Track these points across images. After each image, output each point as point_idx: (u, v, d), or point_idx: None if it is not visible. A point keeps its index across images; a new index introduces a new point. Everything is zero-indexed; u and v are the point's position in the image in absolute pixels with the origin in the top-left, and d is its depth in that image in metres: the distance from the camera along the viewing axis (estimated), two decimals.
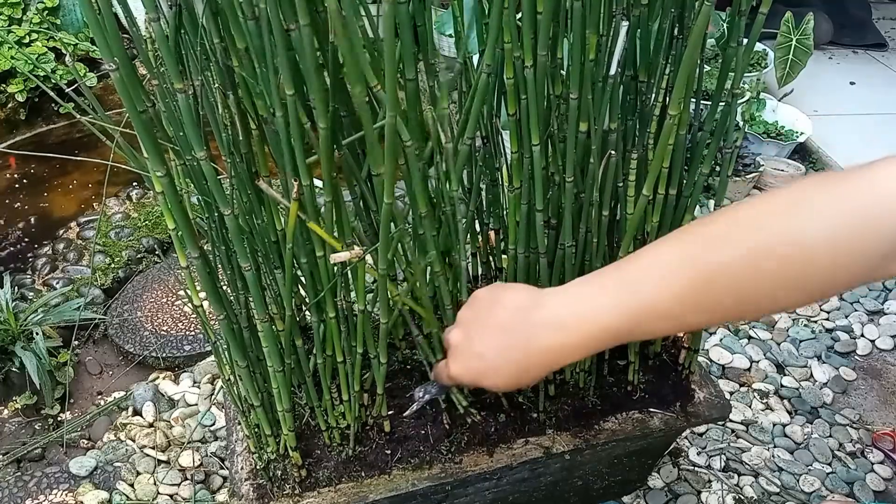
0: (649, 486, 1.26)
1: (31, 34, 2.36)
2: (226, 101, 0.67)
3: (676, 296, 0.55)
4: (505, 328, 0.64)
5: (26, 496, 1.25)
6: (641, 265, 0.58)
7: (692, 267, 0.55)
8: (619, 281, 0.59)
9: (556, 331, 0.60)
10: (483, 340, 0.65)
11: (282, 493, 0.87)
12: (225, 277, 0.81)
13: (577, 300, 0.60)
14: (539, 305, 0.62)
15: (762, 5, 0.70)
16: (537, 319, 0.61)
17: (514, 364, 0.64)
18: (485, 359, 0.65)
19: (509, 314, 0.64)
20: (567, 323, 0.60)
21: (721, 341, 1.54)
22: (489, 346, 0.65)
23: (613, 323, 0.58)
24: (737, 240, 0.53)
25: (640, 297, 0.56)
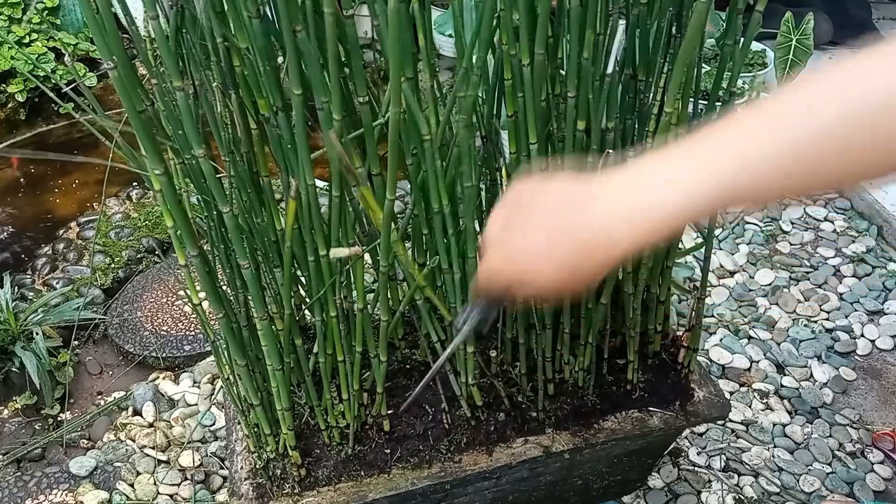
0: (649, 485, 1.26)
1: (31, 34, 2.36)
2: (225, 100, 0.67)
3: (776, 160, 0.47)
4: (554, 216, 0.54)
5: (26, 496, 1.25)
6: (723, 137, 0.49)
7: (792, 127, 0.47)
8: (697, 155, 0.50)
9: (615, 219, 0.52)
10: (526, 232, 0.56)
11: (281, 492, 0.87)
12: (224, 276, 0.81)
13: (644, 184, 0.51)
14: (597, 191, 0.53)
15: (758, 3, 0.70)
16: (596, 206, 0.53)
17: (565, 257, 0.54)
18: (528, 253, 0.56)
19: (560, 201, 0.55)
20: (630, 208, 0.51)
21: (721, 341, 1.54)
22: (534, 237, 0.55)
23: (690, 205, 0.49)
24: (844, 96, 0.46)
25: (728, 169, 0.48)
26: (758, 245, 1.81)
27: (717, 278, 1.71)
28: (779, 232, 1.86)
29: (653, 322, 0.99)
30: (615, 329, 1.00)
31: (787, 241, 1.82)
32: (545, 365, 0.94)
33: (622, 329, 0.98)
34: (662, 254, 0.91)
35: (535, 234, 0.55)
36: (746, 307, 1.64)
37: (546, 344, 0.92)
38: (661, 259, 0.92)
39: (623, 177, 0.53)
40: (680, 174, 0.50)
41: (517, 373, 0.98)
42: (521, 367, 0.96)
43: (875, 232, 1.84)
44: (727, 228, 1.86)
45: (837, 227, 1.86)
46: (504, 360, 0.99)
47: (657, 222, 0.51)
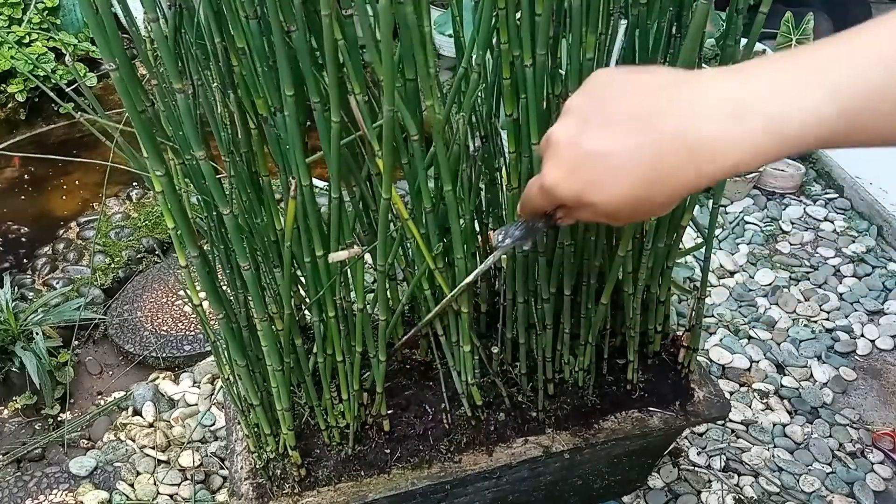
0: (649, 485, 1.26)
1: (30, 34, 2.36)
2: (225, 101, 0.67)
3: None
4: (640, 115, 0.43)
5: (26, 496, 1.25)
6: (863, 40, 0.39)
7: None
8: (830, 62, 0.39)
9: (727, 119, 0.41)
10: (602, 132, 0.45)
11: (281, 492, 0.87)
12: (224, 277, 0.81)
13: (765, 83, 0.40)
14: (698, 86, 0.42)
15: (762, 4, 0.70)
16: (695, 104, 0.42)
17: (652, 166, 0.43)
18: (605, 157, 0.44)
19: (648, 96, 0.44)
20: (743, 113, 0.40)
21: (721, 341, 1.54)
22: (614, 138, 0.44)
23: (824, 116, 0.39)
24: None
25: (867, 77, 0.38)
26: (758, 245, 1.81)
27: (717, 278, 1.71)
28: (779, 232, 1.86)
29: (653, 322, 0.99)
30: (615, 329, 1.00)
31: (787, 241, 1.82)
32: (545, 365, 0.94)
33: (622, 329, 0.98)
34: (662, 254, 0.91)
35: (617, 137, 0.44)
36: (746, 307, 1.64)
37: (546, 344, 0.92)
38: (662, 259, 0.92)
39: (740, 72, 0.42)
40: (817, 77, 0.39)
41: (517, 373, 0.98)
42: (522, 366, 0.96)
43: (875, 232, 1.84)
44: (727, 228, 1.86)
45: (837, 227, 1.86)
46: (504, 359, 0.99)
47: (775, 138, 0.40)
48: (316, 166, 0.74)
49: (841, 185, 1.98)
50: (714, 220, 0.92)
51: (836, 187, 1.99)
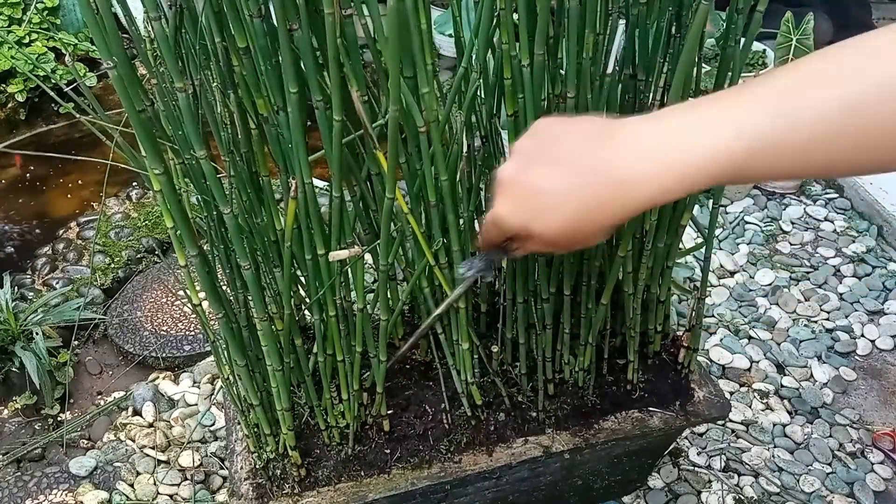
0: (649, 486, 1.26)
1: (31, 34, 2.36)
2: (225, 100, 0.67)
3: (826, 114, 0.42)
4: (574, 156, 0.50)
5: (26, 496, 1.25)
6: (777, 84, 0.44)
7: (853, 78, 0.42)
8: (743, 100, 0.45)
9: (646, 158, 0.47)
10: (544, 170, 0.51)
11: (281, 492, 0.87)
12: (224, 277, 0.81)
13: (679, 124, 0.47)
14: (622, 130, 0.49)
15: (759, 4, 0.70)
16: (619, 145, 0.48)
17: (582, 200, 0.49)
18: (543, 192, 0.51)
19: (581, 140, 0.50)
20: (660, 151, 0.46)
21: (721, 341, 1.53)
22: (551, 176, 0.50)
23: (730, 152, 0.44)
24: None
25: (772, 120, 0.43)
26: (758, 245, 1.81)
27: (717, 278, 1.71)
28: (779, 232, 1.86)
29: (653, 322, 0.99)
30: (615, 329, 1.00)
31: (787, 241, 1.82)
32: (545, 365, 0.94)
33: (622, 329, 0.98)
34: (662, 254, 0.91)
35: (553, 175, 0.51)
36: (746, 307, 1.64)
37: (546, 344, 0.92)
38: (662, 259, 0.92)
39: (658, 118, 0.48)
40: (724, 121, 0.45)
41: (517, 373, 0.98)
42: (522, 367, 0.96)
43: (875, 232, 1.84)
44: (727, 228, 1.86)
45: (837, 227, 1.86)
46: (504, 359, 0.99)
47: (690, 170, 0.45)
48: (316, 166, 0.73)
49: (841, 185, 1.98)
50: (714, 220, 0.92)
51: (836, 187, 1.99)
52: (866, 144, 0.43)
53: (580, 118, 0.53)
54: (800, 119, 0.43)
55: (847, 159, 0.44)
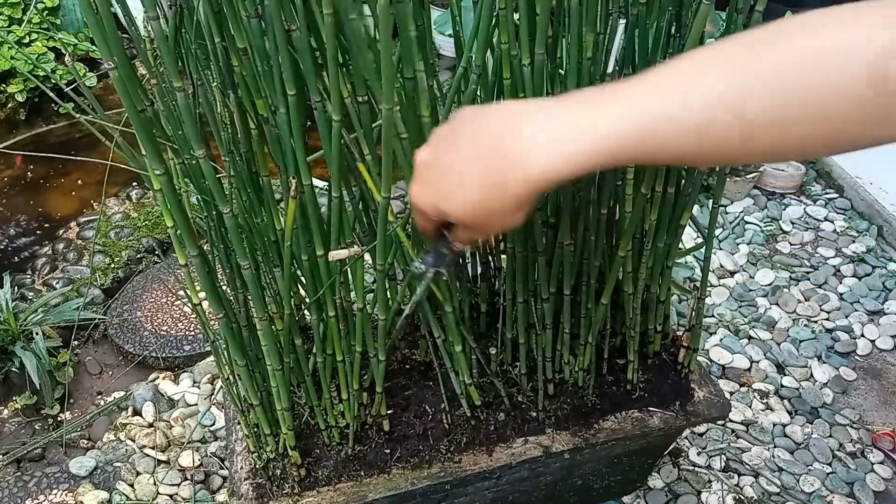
0: (649, 486, 1.26)
1: (30, 34, 2.36)
2: (225, 100, 0.67)
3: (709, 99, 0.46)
4: (480, 137, 0.53)
5: (26, 496, 1.25)
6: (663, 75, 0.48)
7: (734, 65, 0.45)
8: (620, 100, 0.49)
9: (547, 137, 0.50)
10: (453, 152, 0.54)
11: (281, 492, 0.87)
12: (224, 277, 0.81)
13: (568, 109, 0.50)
14: (524, 113, 0.52)
15: (758, 3, 0.70)
16: (521, 127, 0.51)
17: (483, 178, 0.52)
18: (447, 173, 0.54)
19: (490, 124, 0.53)
20: (553, 133, 0.50)
21: (721, 341, 1.53)
22: (456, 157, 0.54)
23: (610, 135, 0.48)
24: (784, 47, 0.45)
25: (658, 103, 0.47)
26: (758, 245, 1.81)
27: (717, 278, 1.71)
28: (779, 232, 1.86)
29: (653, 322, 0.99)
30: (615, 329, 1.00)
31: (787, 241, 1.82)
32: (545, 365, 0.94)
33: (622, 329, 0.98)
34: (662, 254, 0.91)
35: (458, 156, 0.54)
36: (746, 307, 1.64)
37: (546, 344, 0.92)
38: (661, 259, 0.92)
39: (556, 103, 0.51)
40: (601, 114, 0.49)
41: (517, 373, 0.98)
42: (522, 366, 0.96)
43: (875, 232, 1.84)
44: (727, 228, 1.86)
45: (837, 227, 1.86)
46: (504, 359, 0.99)
47: (579, 150, 0.49)
48: (315, 166, 0.73)
49: (841, 185, 1.98)
50: (714, 219, 0.92)
51: (836, 187, 1.99)
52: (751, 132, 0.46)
53: (496, 104, 0.56)
54: (687, 103, 0.46)
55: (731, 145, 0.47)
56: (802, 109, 0.45)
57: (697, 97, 0.46)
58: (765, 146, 0.48)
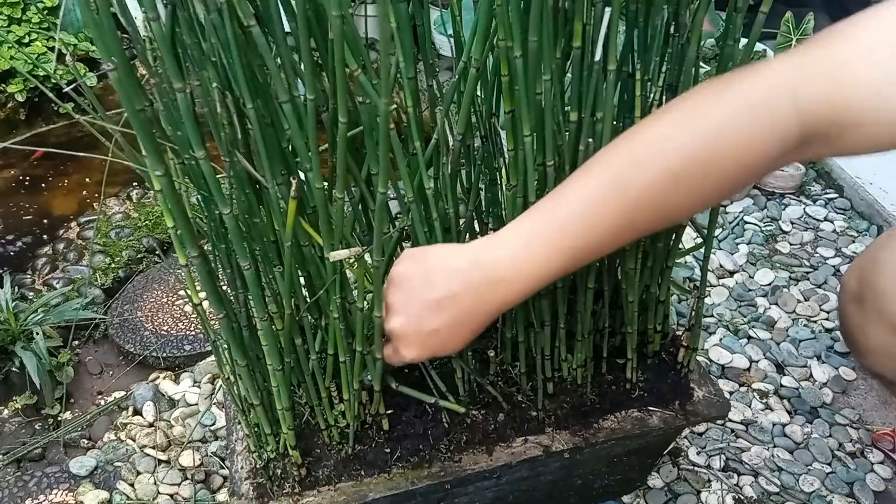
0: (649, 485, 1.26)
1: (30, 34, 2.36)
2: (223, 100, 0.67)
3: (608, 226, 0.59)
4: (450, 298, 0.65)
5: (26, 496, 1.25)
6: (570, 201, 0.61)
7: (620, 195, 0.58)
8: (549, 225, 0.61)
9: (500, 286, 0.63)
10: (431, 318, 0.67)
11: (282, 491, 0.87)
12: (224, 277, 0.81)
13: (510, 254, 0.63)
14: (476, 266, 0.64)
15: (763, 4, 0.70)
16: (478, 280, 0.64)
17: (469, 327, 0.67)
18: (440, 333, 0.67)
19: (448, 283, 0.65)
20: (508, 277, 0.63)
21: (721, 341, 1.54)
22: (441, 321, 0.66)
23: (552, 267, 0.62)
24: (656, 160, 0.57)
25: (573, 236, 0.60)
26: (757, 245, 1.81)
27: (716, 278, 1.72)
28: (779, 232, 1.86)
29: (652, 321, 1.00)
30: (615, 328, 1.00)
31: (787, 241, 1.82)
32: (544, 363, 0.94)
33: (622, 328, 0.98)
34: (662, 254, 0.91)
35: (440, 324, 0.66)
36: (746, 307, 1.64)
37: (545, 342, 0.92)
38: (661, 259, 0.92)
39: (496, 245, 0.64)
40: (535, 248, 0.62)
41: (517, 372, 0.98)
42: (521, 366, 0.96)
43: (875, 232, 1.84)
44: (727, 228, 1.87)
45: (837, 227, 1.86)
46: (504, 359, 0.99)
47: (526, 281, 0.63)
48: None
49: (841, 185, 1.98)
50: (714, 220, 0.92)
51: (836, 187, 1.99)
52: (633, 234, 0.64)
53: (431, 256, 0.68)
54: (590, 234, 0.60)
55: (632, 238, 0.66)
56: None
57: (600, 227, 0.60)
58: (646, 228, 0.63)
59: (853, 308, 0.90)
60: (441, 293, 0.65)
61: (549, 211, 0.62)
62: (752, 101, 0.54)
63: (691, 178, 0.56)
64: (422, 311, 0.67)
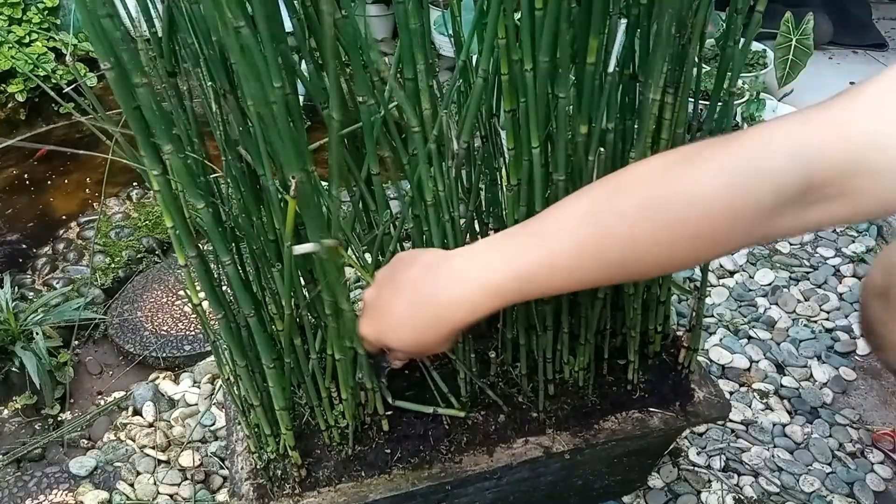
0: (649, 485, 1.26)
1: (31, 34, 2.36)
2: (218, 98, 0.67)
3: (573, 251, 0.56)
4: (411, 284, 0.64)
5: (26, 496, 1.25)
6: (549, 220, 0.59)
7: (593, 218, 0.56)
8: (523, 237, 0.60)
9: (455, 286, 0.61)
10: (390, 297, 0.66)
11: (282, 492, 0.87)
12: (223, 277, 0.80)
13: (477, 258, 0.62)
14: (446, 262, 0.63)
15: (758, 3, 0.70)
16: (442, 275, 0.62)
17: (416, 319, 0.64)
18: (388, 314, 0.66)
19: (418, 271, 0.65)
20: (467, 279, 0.61)
21: (721, 341, 1.54)
22: (395, 301, 0.65)
23: (506, 281, 0.59)
24: (636, 191, 0.54)
25: (537, 252, 0.58)
26: (757, 245, 1.81)
27: (716, 278, 1.71)
28: None
29: (653, 322, 0.99)
30: (615, 329, 1.00)
31: (787, 241, 1.82)
32: (545, 365, 0.94)
33: (622, 329, 0.98)
34: None
35: (393, 303, 0.65)
36: (746, 307, 1.64)
37: (546, 344, 0.92)
38: None
39: (469, 253, 0.63)
40: (499, 262, 0.60)
41: (517, 373, 0.98)
42: (522, 367, 0.96)
43: (875, 232, 1.84)
44: None
45: (837, 227, 1.86)
46: (504, 360, 0.99)
47: (485, 297, 0.60)
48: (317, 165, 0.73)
49: None
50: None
51: None
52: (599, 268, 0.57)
53: (427, 251, 0.67)
54: (553, 255, 0.57)
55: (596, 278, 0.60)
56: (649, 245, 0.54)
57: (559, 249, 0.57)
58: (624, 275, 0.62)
59: (878, 303, 0.89)
60: (407, 277, 0.65)
61: (529, 224, 0.61)
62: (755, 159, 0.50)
63: (665, 220, 0.52)
64: (388, 287, 0.67)
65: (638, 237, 0.53)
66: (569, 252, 0.56)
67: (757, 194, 0.50)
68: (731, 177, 0.50)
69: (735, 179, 0.50)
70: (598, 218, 0.55)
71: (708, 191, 0.50)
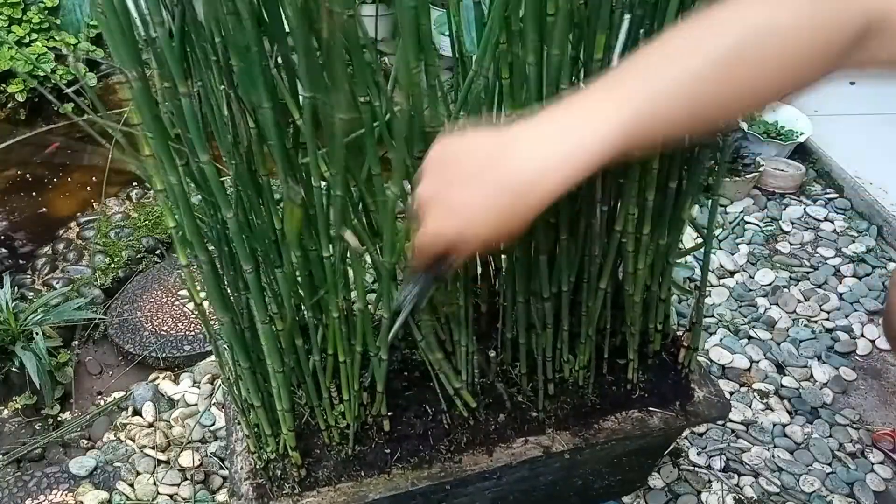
0: (649, 485, 1.26)
1: (30, 34, 2.36)
2: (228, 101, 0.67)
3: (675, 91, 0.54)
4: (484, 168, 0.59)
5: (26, 496, 1.25)
6: (631, 73, 0.56)
7: (686, 66, 0.54)
8: (609, 96, 0.55)
9: (537, 162, 0.56)
10: (461, 190, 0.60)
11: (281, 492, 0.87)
12: (226, 279, 0.80)
13: (562, 123, 0.57)
14: (519, 140, 0.58)
15: None
16: (521, 153, 0.58)
17: (501, 206, 0.59)
18: (467, 206, 0.60)
19: (485, 153, 0.59)
20: (549, 151, 0.56)
21: (721, 341, 1.54)
22: (470, 194, 0.59)
23: (608, 144, 0.54)
24: (723, 33, 0.54)
25: (640, 99, 0.54)
26: (758, 245, 1.81)
27: (717, 278, 1.71)
28: (779, 232, 1.86)
29: (653, 321, 0.99)
30: (615, 328, 1.00)
31: (787, 241, 1.82)
32: (545, 365, 0.94)
33: (622, 328, 0.98)
34: (663, 252, 0.91)
35: (468, 196, 0.59)
36: (746, 307, 1.64)
37: (546, 344, 0.92)
38: (662, 257, 0.92)
39: (542, 122, 0.57)
40: (595, 116, 0.55)
41: (517, 373, 0.98)
42: (522, 367, 0.96)
43: (875, 232, 1.84)
44: (727, 228, 1.86)
45: (837, 227, 1.86)
46: (504, 359, 0.99)
47: (580, 161, 0.55)
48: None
49: (841, 185, 1.98)
50: (713, 219, 0.92)
51: (836, 187, 1.99)
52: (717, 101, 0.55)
53: (474, 135, 0.61)
54: (667, 87, 0.54)
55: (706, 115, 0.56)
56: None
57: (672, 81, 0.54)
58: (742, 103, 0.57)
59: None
60: (472, 166, 0.59)
61: (607, 85, 0.56)
62: None
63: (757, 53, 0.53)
64: (451, 181, 0.60)
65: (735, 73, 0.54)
66: (669, 93, 0.54)
67: (835, 25, 0.53)
68: (812, 11, 0.53)
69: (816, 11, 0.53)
70: (690, 65, 0.54)
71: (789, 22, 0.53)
